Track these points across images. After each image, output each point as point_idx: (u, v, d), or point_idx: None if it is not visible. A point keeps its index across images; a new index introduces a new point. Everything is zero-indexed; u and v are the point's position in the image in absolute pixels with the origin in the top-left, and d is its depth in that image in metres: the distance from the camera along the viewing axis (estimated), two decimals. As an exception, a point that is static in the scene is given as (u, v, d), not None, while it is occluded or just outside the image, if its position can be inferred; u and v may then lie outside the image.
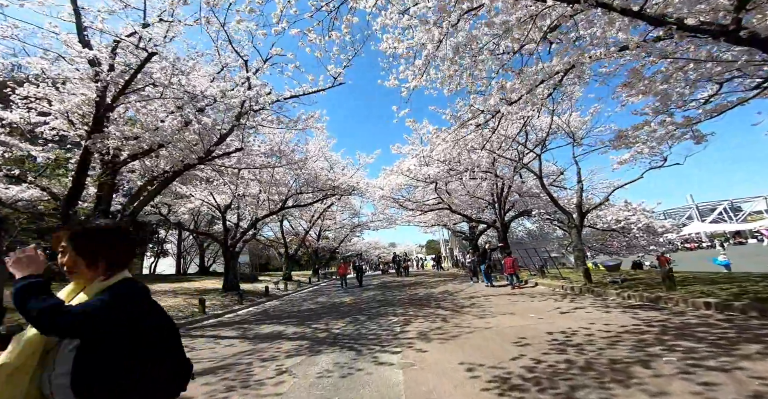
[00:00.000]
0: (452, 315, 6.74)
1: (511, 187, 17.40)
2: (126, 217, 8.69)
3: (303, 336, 6.07)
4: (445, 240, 36.16)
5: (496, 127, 8.79)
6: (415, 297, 10.25)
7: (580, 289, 8.44)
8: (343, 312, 8.61)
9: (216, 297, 13.00)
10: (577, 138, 13.82)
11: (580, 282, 9.26)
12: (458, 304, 8.18)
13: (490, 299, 8.53)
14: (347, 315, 8.00)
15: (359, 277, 17.15)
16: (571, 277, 10.49)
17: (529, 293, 9.11)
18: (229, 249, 14.41)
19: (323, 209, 22.29)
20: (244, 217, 16.45)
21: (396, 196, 18.00)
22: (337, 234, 30.07)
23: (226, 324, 8.36)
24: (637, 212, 13.64)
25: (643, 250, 16.42)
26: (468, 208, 19.53)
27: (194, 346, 6.10)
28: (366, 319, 7.10)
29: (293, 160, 11.81)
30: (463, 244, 31.48)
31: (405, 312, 7.58)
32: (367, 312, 8.17)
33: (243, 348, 5.54)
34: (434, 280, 17.08)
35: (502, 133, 13.08)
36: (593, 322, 5.21)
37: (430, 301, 8.98)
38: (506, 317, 6.12)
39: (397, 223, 23.06)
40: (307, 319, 8.03)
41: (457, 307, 7.74)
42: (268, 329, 7.11)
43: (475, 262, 15.02)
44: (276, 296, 14.60)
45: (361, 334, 5.70)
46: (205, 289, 14.96)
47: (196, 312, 9.94)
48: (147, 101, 8.15)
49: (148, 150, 8.61)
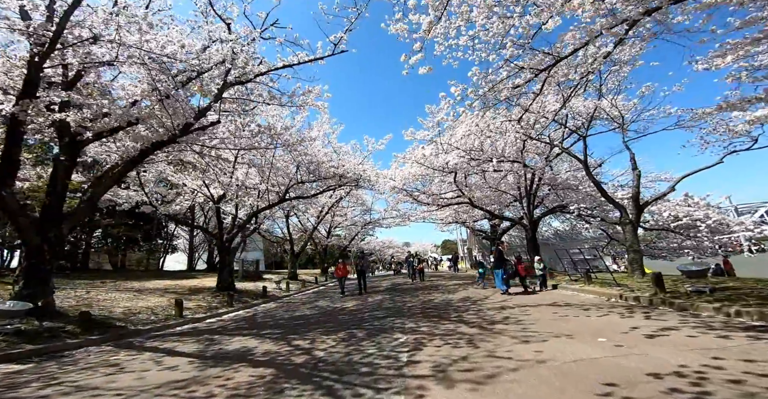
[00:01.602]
0: (481, 335, 4.88)
1: (542, 179, 15.24)
2: (84, 202, 7.28)
3: (273, 360, 4.37)
4: (463, 239, 33.95)
5: (540, 89, 6.85)
6: (429, 305, 8.41)
7: (650, 301, 6.38)
8: (339, 322, 6.89)
9: (206, 297, 11.57)
10: (626, 122, 11.60)
11: (644, 290, 7.18)
12: (486, 317, 6.30)
13: (528, 311, 6.59)
14: (342, 327, 6.26)
15: (361, 281, 13.21)
16: (628, 283, 8.38)
17: (578, 304, 7.10)
18: (224, 244, 12.99)
19: (332, 204, 20.73)
20: (245, 210, 15.03)
21: (409, 188, 16.13)
22: (349, 231, 28.49)
23: (195, 333, 6.79)
24: (701, 207, 11.27)
25: (699, 251, 13.94)
26: (491, 203, 17.44)
27: (127, 365, 4.53)
28: (364, 337, 5.34)
29: (288, 141, 10.18)
30: (483, 244, 29.25)
31: (416, 327, 5.77)
32: (368, 324, 6.40)
33: (181, 375, 3.90)
34: (452, 283, 15.13)
35: (536, 111, 11.05)
36: (717, 355, 3.26)
37: (448, 312, 7.12)
38: (562, 342, 4.22)
39: (411, 220, 21.17)
40: (292, 330, 6.35)
41: (485, 321, 5.86)
42: (237, 345, 5.47)
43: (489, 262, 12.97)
44: (275, 298, 13.07)
45: (351, 363, 3.95)
46: (199, 288, 13.62)
47: (171, 315, 8.47)
48: (99, 66, 6.69)
49: (116, 128, 7.18)
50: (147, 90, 6.99)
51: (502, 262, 9.75)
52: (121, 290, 12.32)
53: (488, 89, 6.65)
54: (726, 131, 8.68)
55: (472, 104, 6.72)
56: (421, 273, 17.70)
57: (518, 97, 7.42)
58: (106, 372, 4.29)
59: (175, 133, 7.39)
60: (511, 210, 20.94)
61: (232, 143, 9.10)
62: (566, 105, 8.64)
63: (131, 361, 4.77)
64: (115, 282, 14.75)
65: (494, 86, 6.63)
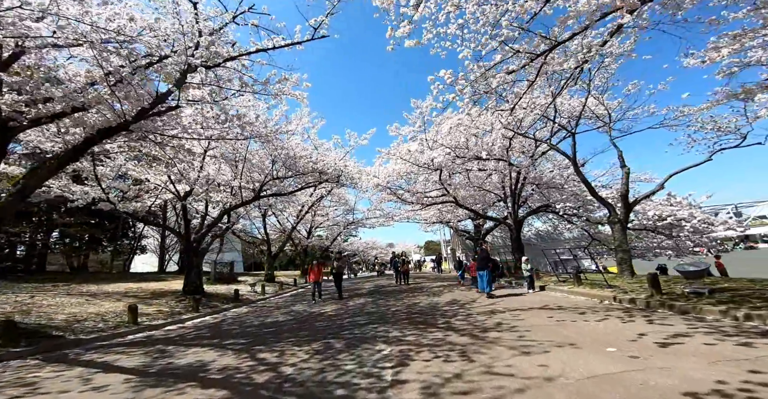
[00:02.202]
0: (475, 345, 4.31)
1: (527, 178, 15.00)
2: (13, 195, 6.26)
3: (229, 378, 3.63)
4: (446, 240, 33.70)
5: (535, 77, 6.39)
6: (415, 309, 7.80)
7: (647, 303, 6.01)
8: (315, 330, 6.17)
9: (169, 302, 10.55)
10: (612, 120, 11.46)
11: (638, 292, 6.84)
12: (477, 323, 5.75)
13: (521, 316, 6.10)
14: (318, 336, 5.56)
15: (338, 285, 11.92)
16: (619, 284, 8.07)
17: (571, 307, 6.68)
18: (191, 244, 11.96)
19: (312, 203, 19.87)
20: (217, 208, 14.00)
21: (393, 186, 15.52)
22: (331, 232, 27.61)
23: (147, 343, 5.90)
24: (684, 207, 11.23)
25: (678, 251, 14.04)
26: (475, 203, 17.09)
27: (45, 384, 3.71)
28: (342, 348, 4.66)
29: (261, 132, 9.34)
30: (466, 245, 29.05)
31: (402, 336, 5.14)
32: (347, 332, 5.73)
33: (109, 397, 3.12)
34: (437, 285, 14.63)
35: (526, 104, 10.69)
36: (753, 368, 2.81)
37: (435, 318, 6.54)
38: (567, 352, 3.70)
39: (394, 220, 20.59)
40: (260, 340, 5.59)
41: (477, 328, 5.30)
42: (191, 358, 4.68)
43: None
44: (248, 302, 12.14)
45: (324, 384, 3.27)
46: (165, 291, 12.52)
47: (123, 322, 7.50)
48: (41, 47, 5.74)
49: (58, 113, 6.21)
50: (95, 72, 6.09)
51: (486, 263, 9.26)
52: (73, 294, 11.12)
53: (480, 74, 6.13)
54: (715, 129, 8.56)
55: (463, 90, 6.19)
56: (406, 275, 16.22)
57: (511, 85, 6.93)
58: (13, 395, 3.44)
59: (126, 119, 6.48)
60: (495, 210, 20.73)
61: (196, 132, 8.20)
62: (560, 95, 8.26)
63: (53, 380, 3.92)
64: (69, 285, 13.42)
65: (486, 71, 6.12)
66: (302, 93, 9.76)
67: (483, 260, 9.21)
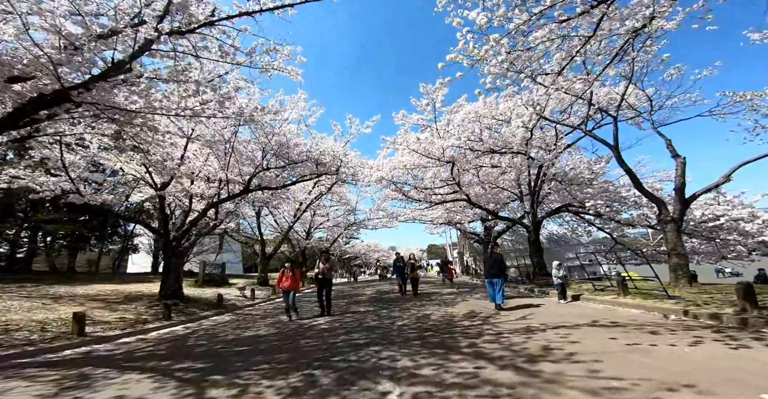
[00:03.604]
0: (529, 387, 2.83)
1: (546, 175, 13.51)
2: None
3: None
4: (453, 243, 32.12)
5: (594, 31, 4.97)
6: (426, 323, 6.31)
7: (741, 320, 4.51)
8: (298, 352, 4.71)
9: (139, 308, 9.14)
10: (654, 107, 10.03)
11: (716, 305, 5.33)
12: (516, 347, 4.26)
13: (571, 336, 4.59)
14: (300, 364, 4.10)
15: (322, 297, 8.13)
16: (680, 294, 6.54)
17: (630, 323, 5.17)
18: (170, 242, 10.57)
19: (311, 201, 18.47)
20: (201, 202, 12.62)
21: (399, 181, 14.05)
22: (331, 233, 26.16)
23: (77, 362, 4.45)
24: (737, 206, 9.69)
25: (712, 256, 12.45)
26: (488, 202, 15.60)
27: None
28: (330, 386, 3.20)
29: (244, 111, 7.94)
30: (474, 248, 27.48)
31: (414, 367, 3.67)
32: (340, 358, 4.26)
33: None
34: (446, 291, 13.10)
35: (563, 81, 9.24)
36: None
37: (455, 336, 5.05)
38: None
39: (399, 220, 19.10)
40: (222, 366, 4.14)
41: (519, 355, 3.82)
42: (110, 392, 3.25)
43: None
44: (233, 308, 10.70)
45: None
46: (140, 295, 11.12)
47: (66, 333, 6.08)
48: None
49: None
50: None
51: (499, 268, 7.60)
52: (34, 297, 9.77)
53: (522, 22, 4.71)
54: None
55: (500, 40, 4.76)
56: (415, 283, 11.71)
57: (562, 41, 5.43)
58: None
59: (65, 87, 5.14)
60: (506, 211, 19.22)
61: (166, 108, 6.82)
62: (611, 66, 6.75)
63: None
64: (38, 286, 12.08)
65: (531, 19, 4.69)
66: (296, 69, 8.33)
67: (495, 264, 7.63)
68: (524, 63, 6.02)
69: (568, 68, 6.50)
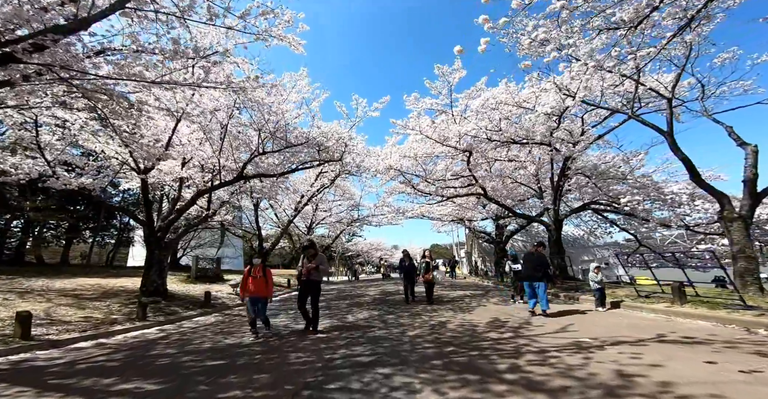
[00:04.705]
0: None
1: (571, 169, 12.30)
2: None
3: None
4: (460, 242, 30.91)
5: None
6: (444, 335, 5.17)
7: None
8: (282, 374, 3.60)
9: (112, 306, 8.12)
10: (707, 91, 8.86)
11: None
12: (577, 373, 3.11)
13: (644, 357, 3.44)
14: (287, 391, 2.99)
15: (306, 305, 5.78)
16: (752, 303, 5.35)
17: (713, 339, 4.01)
18: (155, 233, 9.54)
19: (312, 194, 17.39)
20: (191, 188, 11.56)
21: (408, 172, 12.89)
22: (334, 229, 25.11)
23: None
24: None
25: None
26: (505, 197, 14.40)
27: None
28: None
29: (231, 81, 6.83)
30: (483, 248, 26.29)
31: (444, 404, 2.54)
32: (336, 386, 3.15)
33: None
34: (458, 293, 11.95)
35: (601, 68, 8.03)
36: None
37: (486, 354, 3.92)
38: None
39: (406, 216, 17.96)
40: (184, 390, 3.04)
41: (589, 386, 2.67)
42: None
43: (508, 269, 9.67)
44: (222, 308, 9.65)
45: None
46: (119, 291, 10.12)
47: (8, 336, 5.04)
48: None
49: None
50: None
51: (542, 270, 6.52)
52: (1, 291, 8.80)
53: None
54: None
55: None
56: (430, 289, 9.14)
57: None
58: None
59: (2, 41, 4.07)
60: (522, 208, 18.00)
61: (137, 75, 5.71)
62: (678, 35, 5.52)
63: None
64: (13, 279, 11.12)
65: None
66: (298, 39, 7.17)
67: (539, 266, 6.53)
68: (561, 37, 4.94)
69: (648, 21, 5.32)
